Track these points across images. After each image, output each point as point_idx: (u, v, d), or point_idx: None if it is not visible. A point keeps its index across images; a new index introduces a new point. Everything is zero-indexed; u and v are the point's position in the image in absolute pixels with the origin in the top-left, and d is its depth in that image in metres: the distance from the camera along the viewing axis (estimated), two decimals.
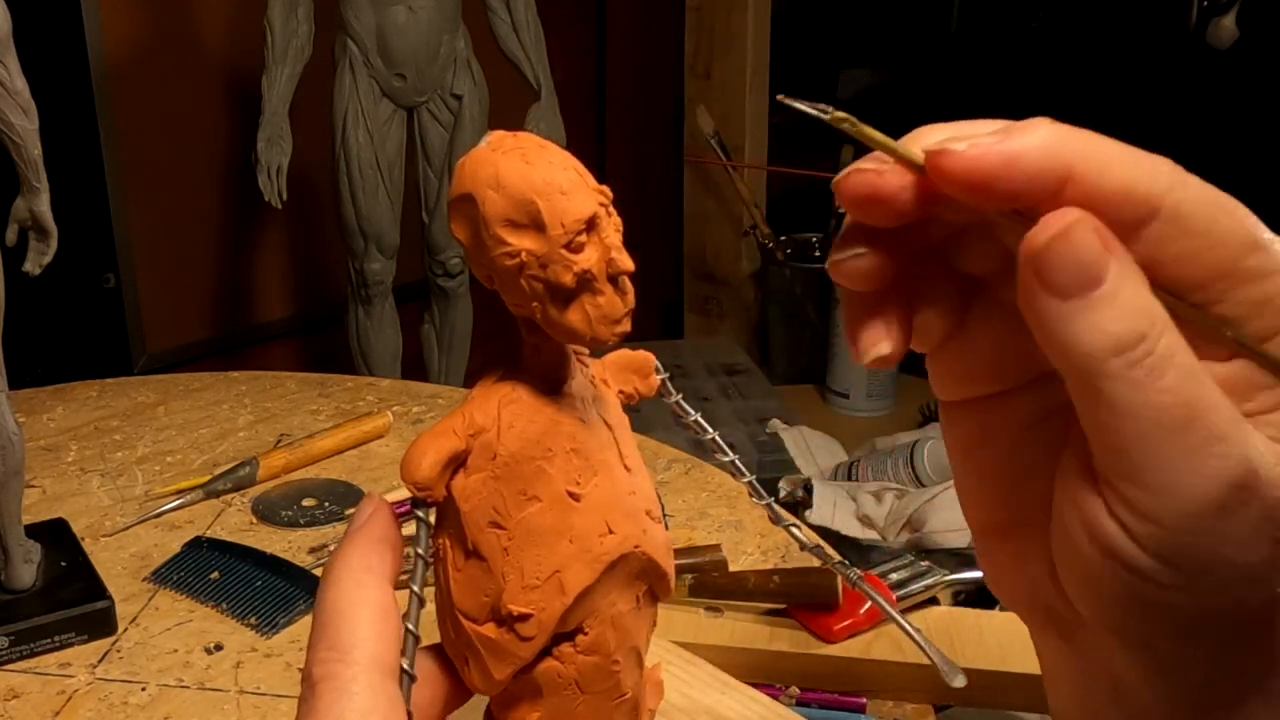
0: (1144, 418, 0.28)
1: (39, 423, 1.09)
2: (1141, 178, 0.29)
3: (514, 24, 1.83)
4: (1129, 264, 0.28)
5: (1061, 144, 0.28)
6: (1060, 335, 0.28)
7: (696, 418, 0.40)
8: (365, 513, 0.35)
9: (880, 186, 0.30)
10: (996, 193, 0.28)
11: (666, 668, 0.67)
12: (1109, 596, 0.30)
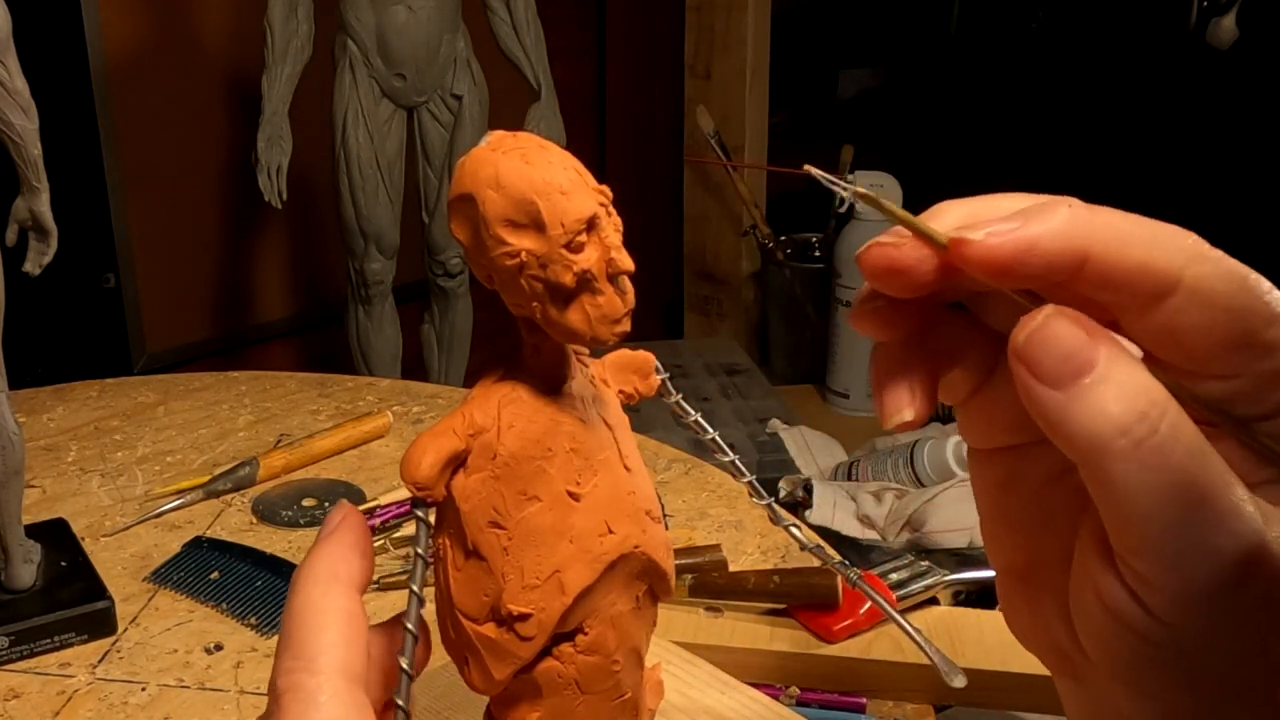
0: (1152, 497, 0.28)
1: (39, 423, 1.09)
2: (1159, 254, 0.29)
3: (514, 24, 1.83)
4: (1119, 347, 0.29)
5: (1078, 227, 0.29)
6: (1062, 423, 0.29)
7: (696, 418, 0.40)
8: (334, 520, 0.35)
9: (899, 260, 0.31)
10: (1016, 276, 0.30)
11: (666, 668, 0.67)
12: (1115, 652, 0.31)
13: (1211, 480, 0.28)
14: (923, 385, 0.33)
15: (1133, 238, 0.30)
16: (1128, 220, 0.30)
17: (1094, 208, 0.30)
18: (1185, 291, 0.29)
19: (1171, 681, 0.30)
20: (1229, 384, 0.30)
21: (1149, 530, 0.28)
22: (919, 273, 0.31)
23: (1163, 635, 0.29)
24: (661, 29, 2.71)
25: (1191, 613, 0.29)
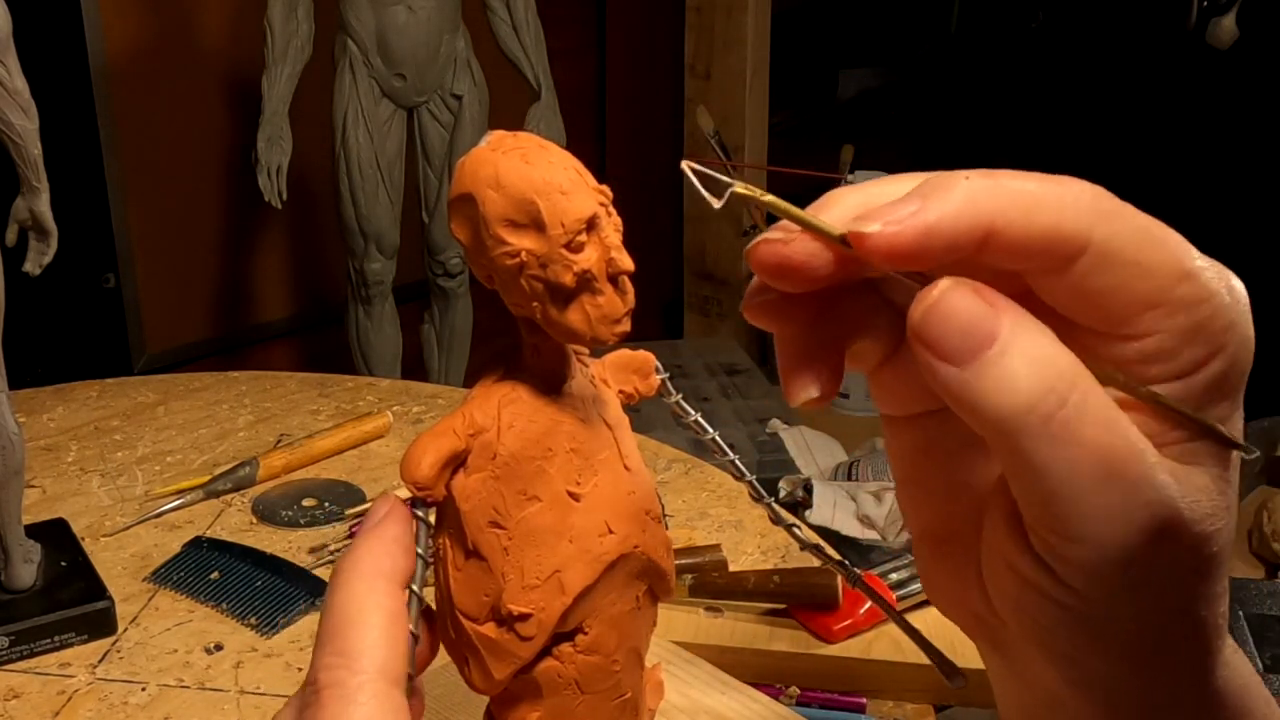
0: (1064, 472, 0.28)
1: (39, 423, 1.09)
2: (1065, 216, 0.29)
3: (514, 24, 1.83)
4: (1023, 316, 0.28)
5: (978, 202, 0.28)
6: (967, 400, 0.28)
7: (696, 418, 0.40)
8: (380, 513, 0.34)
9: (790, 257, 0.30)
10: (920, 261, 0.29)
11: (666, 668, 0.67)
12: (1029, 618, 0.30)
13: (1121, 451, 0.28)
14: (828, 362, 0.32)
15: (1037, 203, 0.29)
16: (1029, 183, 0.29)
17: (993, 175, 0.29)
18: (1094, 252, 0.29)
19: (1087, 646, 0.30)
20: (1143, 344, 0.29)
21: (1060, 504, 0.28)
22: (812, 268, 0.30)
23: (1075, 602, 0.29)
24: (661, 29, 2.71)
25: (1103, 581, 0.28)
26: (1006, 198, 0.28)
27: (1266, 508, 1.67)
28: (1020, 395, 0.27)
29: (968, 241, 0.28)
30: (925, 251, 0.28)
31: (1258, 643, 0.80)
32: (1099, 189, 0.29)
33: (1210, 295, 0.29)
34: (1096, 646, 0.30)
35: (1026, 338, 0.28)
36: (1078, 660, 0.31)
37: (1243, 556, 1.68)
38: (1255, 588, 0.86)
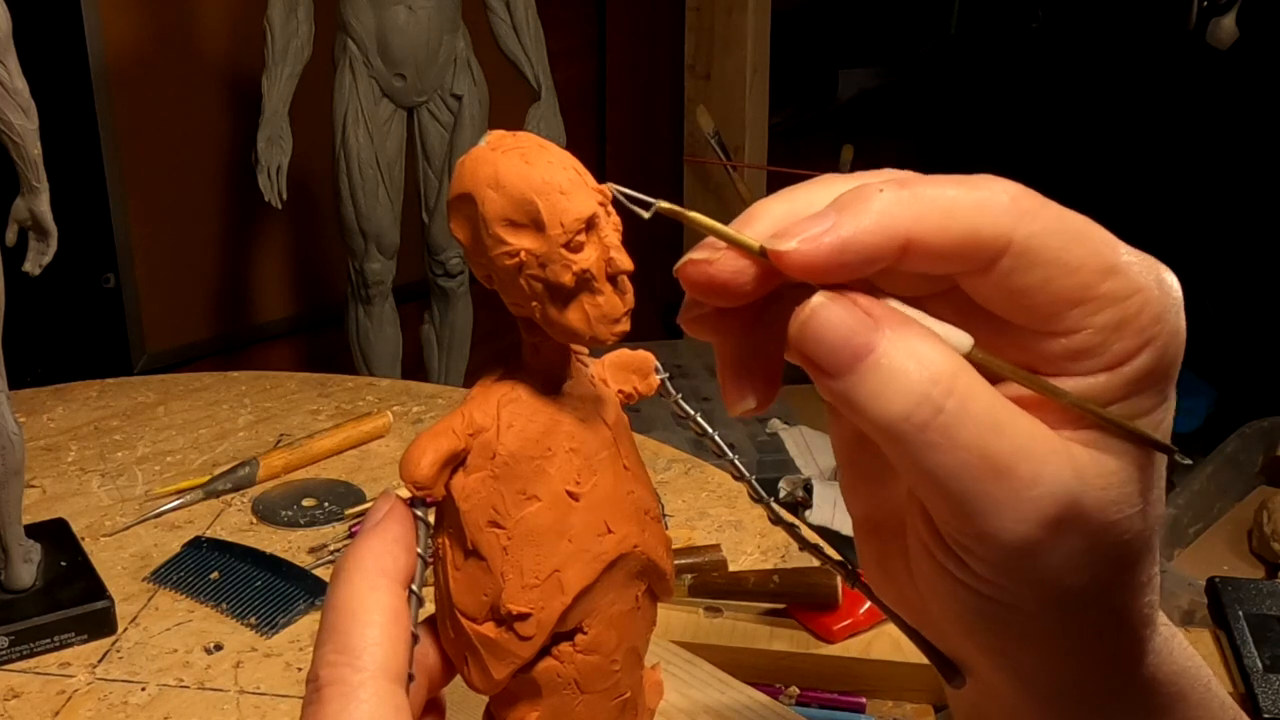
0: (947, 475, 0.28)
1: (39, 423, 1.09)
2: (983, 220, 0.29)
3: (514, 24, 1.83)
4: (903, 326, 0.29)
5: (892, 214, 0.29)
6: (851, 409, 0.29)
7: (696, 418, 0.40)
8: (381, 511, 0.34)
9: (716, 276, 0.30)
10: (837, 275, 0.29)
11: (666, 668, 0.67)
12: (954, 608, 0.31)
13: (1008, 449, 0.28)
14: (764, 371, 0.32)
15: (954, 209, 0.29)
16: (948, 188, 0.29)
17: (909, 182, 0.29)
18: (1016, 252, 0.29)
19: (1012, 638, 0.31)
20: (1071, 340, 0.29)
21: (953, 505, 0.28)
22: (737, 284, 0.30)
23: (992, 592, 0.29)
24: (661, 29, 2.71)
25: (1010, 573, 0.29)
26: (921, 206, 0.29)
27: (1266, 508, 1.67)
28: (895, 404, 0.28)
29: (884, 254, 0.29)
30: (841, 266, 0.29)
31: (1257, 643, 0.80)
32: (1020, 188, 0.29)
33: (1138, 289, 0.29)
34: (1017, 638, 0.30)
35: (903, 346, 0.28)
36: (1004, 651, 0.31)
37: (1243, 556, 1.68)
38: (1255, 588, 0.86)
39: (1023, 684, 0.32)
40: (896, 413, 0.28)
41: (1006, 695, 0.32)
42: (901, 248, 0.29)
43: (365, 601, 0.32)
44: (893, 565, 0.35)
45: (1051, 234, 0.29)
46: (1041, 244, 0.29)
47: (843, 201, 0.29)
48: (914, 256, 0.29)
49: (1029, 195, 0.29)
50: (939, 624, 0.33)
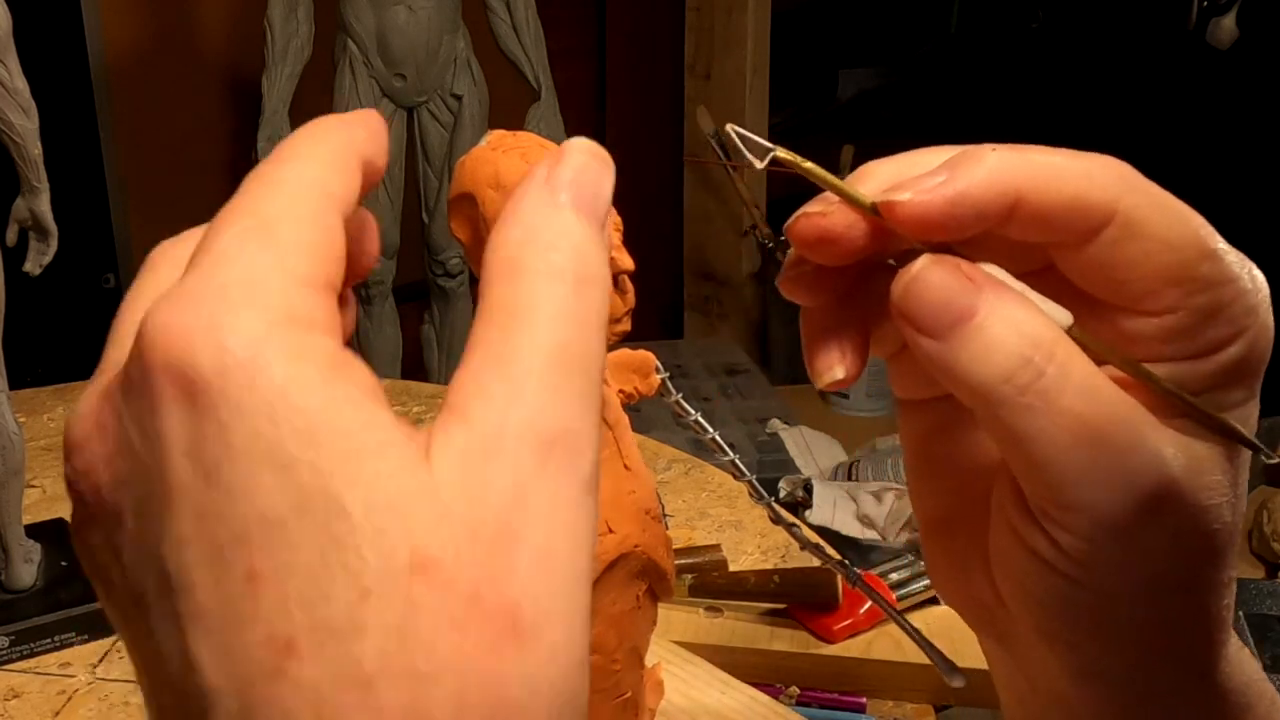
0: (1046, 441, 0.28)
1: (39, 423, 1.09)
2: (1092, 186, 0.29)
3: (514, 24, 1.83)
4: (1004, 291, 0.29)
5: (1006, 170, 0.29)
6: (948, 373, 0.29)
7: (696, 417, 0.40)
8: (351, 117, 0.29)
9: (829, 229, 0.30)
10: (949, 229, 0.29)
11: (666, 668, 0.67)
12: (1036, 598, 0.31)
13: (1106, 418, 0.28)
14: (854, 343, 0.32)
15: (1064, 172, 0.29)
16: (1057, 155, 0.30)
17: (1020, 147, 0.30)
18: (1120, 223, 0.29)
19: (1091, 628, 0.30)
20: (1163, 320, 0.29)
21: (1048, 474, 0.28)
22: (849, 239, 0.30)
23: (1079, 575, 0.29)
24: (661, 29, 2.71)
25: (1103, 551, 0.29)
26: (1034, 168, 0.29)
27: (1266, 508, 1.67)
28: (997, 366, 0.28)
29: (995, 210, 0.29)
30: (953, 220, 0.29)
31: (1258, 642, 0.81)
32: (1126, 164, 0.30)
33: (1233, 278, 0.29)
34: (1099, 628, 0.30)
35: (1005, 310, 0.28)
36: (1080, 646, 0.31)
37: (1243, 556, 1.68)
38: (1255, 588, 0.86)
39: (1088, 678, 0.31)
40: (997, 374, 0.28)
41: (1068, 692, 0.32)
42: (1012, 206, 0.29)
43: (300, 192, 0.27)
44: (965, 561, 0.35)
45: (1155, 209, 0.29)
46: (1145, 217, 0.29)
47: (955, 160, 0.30)
48: (1022, 217, 0.29)
49: (1135, 172, 0.30)
50: (1009, 619, 0.33)
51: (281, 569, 0.22)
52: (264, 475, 0.22)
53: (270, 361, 0.23)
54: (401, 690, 0.22)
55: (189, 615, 0.22)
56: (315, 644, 0.22)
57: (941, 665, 0.37)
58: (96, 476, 0.24)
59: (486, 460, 0.23)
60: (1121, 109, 2.53)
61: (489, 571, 0.22)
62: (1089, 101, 2.60)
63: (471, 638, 0.22)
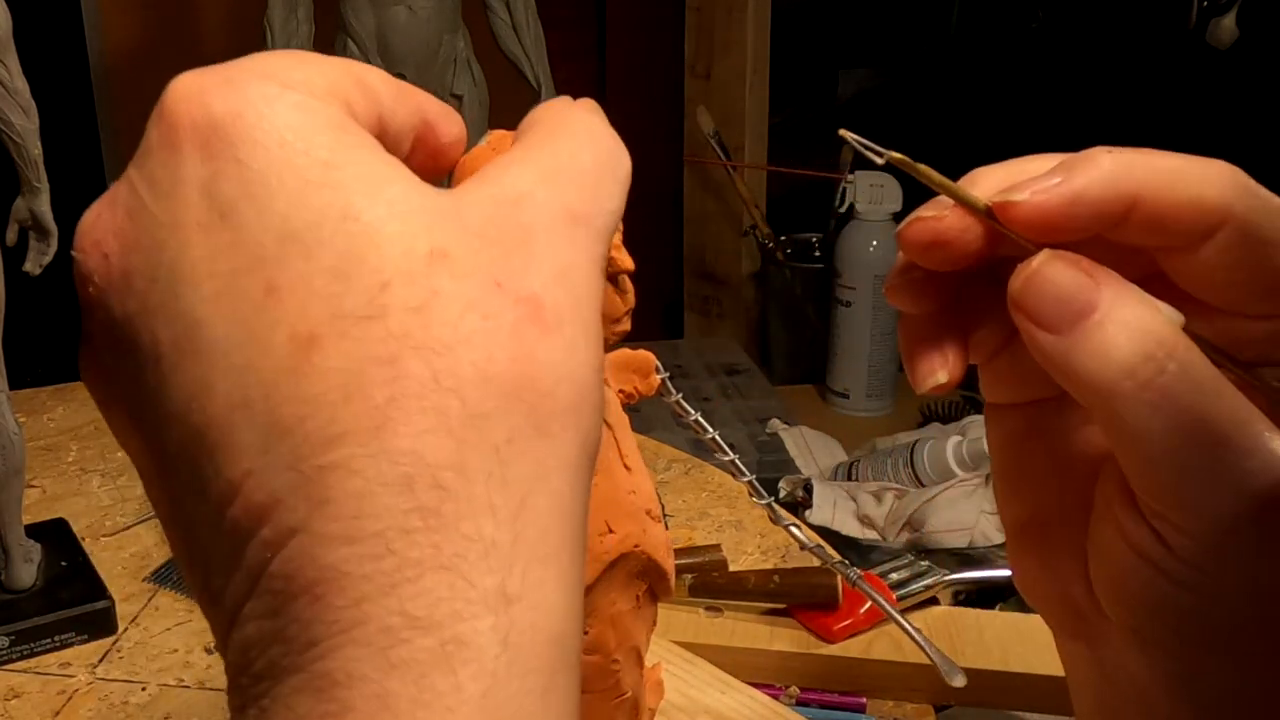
0: (1164, 438, 0.28)
1: (39, 423, 1.09)
2: (1208, 189, 0.29)
3: (514, 24, 1.83)
4: (1124, 286, 0.29)
5: (1124, 172, 0.29)
6: (1067, 368, 0.29)
7: (697, 417, 0.40)
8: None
9: (943, 232, 0.30)
10: (1065, 230, 0.29)
11: (666, 667, 0.67)
12: (1138, 599, 0.30)
13: (1226, 417, 0.28)
14: (955, 347, 0.32)
15: (1181, 175, 0.29)
16: (1171, 159, 0.30)
17: (1135, 150, 0.30)
18: (1234, 227, 0.29)
19: (1191, 633, 0.30)
20: (1273, 324, 0.30)
21: (1164, 471, 0.28)
22: (963, 243, 0.30)
23: (1186, 577, 0.29)
24: (661, 29, 2.71)
25: (1214, 552, 0.28)
26: (1151, 171, 0.29)
27: None
28: (1118, 362, 0.28)
29: (1113, 211, 0.29)
30: (1070, 221, 0.29)
31: None
32: (1239, 169, 0.30)
33: None
34: (1201, 632, 0.30)
35: (1126, 307, 0.28)
36: (1178, 650, 0.30)
37: None
38: None
39: (1185, 688, 0.31)
40: (1118, 370, 0.28)
41: (1158, 699, 0.32)
42: (1128, 207, 0.29)
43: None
44: (1055, 562, 0.34)
45: (1270, 213, 0.29)
46: (1260, 220, 0.29)
47: (1069, 162, 0.30)
48: (1138, 219, 0.29)
49: (1247, 176, 0.30)
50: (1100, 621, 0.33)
51: (299, 277, 0.23)
52: (280, 201, 0.23)
53: (286, 108, 0.24)
54: (426, 362, 0.22)
55: (203, 350, 0.23)
56: (338, 333, 0.22)
57: (941, 665, 0.37)
58: (105, 246, 0.24)
59: (514, 205, 0.24)
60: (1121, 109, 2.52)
61: (509, 268, 0.23)
62: (1089, 101, 2.60)
63: (493, 319, 0.23)
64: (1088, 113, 2.59)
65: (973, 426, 1.80)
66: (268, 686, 0.23)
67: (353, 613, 0.22)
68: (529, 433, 0.23)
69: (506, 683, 0.22)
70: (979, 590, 1.31)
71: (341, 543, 0.22)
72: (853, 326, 2.35)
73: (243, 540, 0.23)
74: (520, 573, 0.22)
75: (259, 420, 0.22)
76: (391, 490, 0.22)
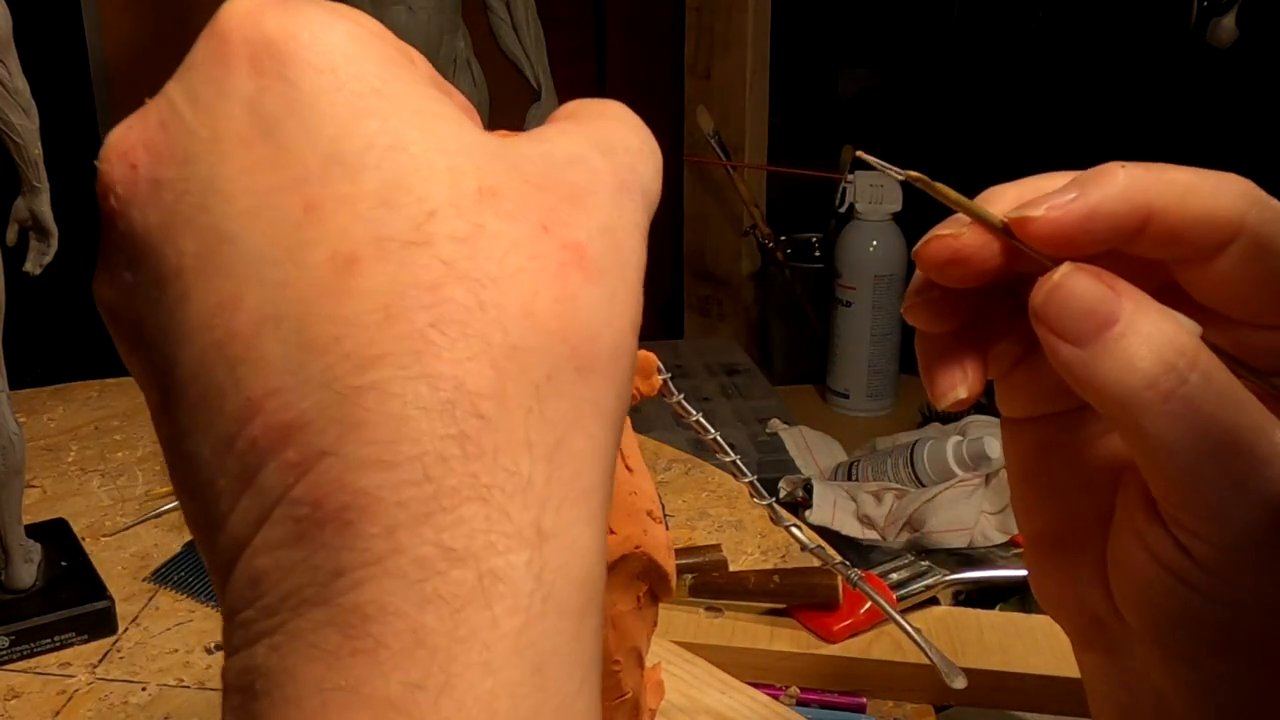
0: (1187, 448, 0.28)
1: (39, 423, 1.09)
2: (1221, 202, 0.30)
3: (514, 24, 1.83)
4: (1144, 298, 0.29)
5: (1138, 186, 0.29)
6: (1088, 380, 0.29)
7: (698, 417, 0.40)
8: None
9: (961, 250, 0.31)
10: (1080, 246, 0.30)
11: (666, 668, 0.67)
12: (1160, 608, 0.30)
13: (1248, 426, 0.28)
14: (973, 362, 0.32)
15: (1193, 188, 0.30)
16: (1184, 173, 0.30)
17: (1148, 165, 0.30)
18: (1246, 239, 0.29)
19: (1214, 642, 0.30)
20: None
21: (1187, 481, 0.28)
22: (981, 260, 0.31)
23: (1210, 586, 0.29)
24: (661, 29, 2.71)
25: (1237, 561, 0.29)
26: (1164, 185, 0.30)
27: None
28: (1140, 373, 0.28)
29: (1128, 225, 0.29)
30: (1087, 235, 0.29)
31: None
32: (1250, 181, 0.30)
33: None
34: (1224, 642, 0.30)
35: (1147, 318, 0.29)
36: (1201, 660, 0.31)
37: None
38: None
39: (1207, 697, 0.31)
40: (1140, 381, 0.28)
41: (1180, 710, 0.32)
42: (1143, 220, 0.29)
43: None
44: (1074, 574, 0.35)
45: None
46: (1273, 232, 0.30)
47: (1084, 178, 0.30)
48: (1151, 233, 0.30)
49: (1259, 188, 0.30)
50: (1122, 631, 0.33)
51: (342, 199, 0.22)
52: (328, 124, 0.23)
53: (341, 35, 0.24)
54: (471, 290, 0.22)
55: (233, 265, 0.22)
56: (380, 256, 0.22)
57: (941, 665, 0.37)
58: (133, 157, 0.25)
59: (567, 163, 0.24)
60: (1121, 109, 2.53)
61: (557, 215, 0.23)
62: (1089, 101, 2.60)
63: (539, 259, 0.22)
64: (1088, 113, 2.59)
65: (973, 427, 1.80)
66: (282, 620, 0.22)
67: (385, 542, 0.21)
68: (569, 373, 0.22)
69: (541, 620, 0.21)
70: (979, 590, 1.31)
71: (376, 468, 0.21)
72: (853, 326, 2.35)
73: (258, 463, 0.22)
74: (554, 510, 0.22)
75: (290, 338, 0.22)
76: (431, 415, 0.21)
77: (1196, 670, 0.31)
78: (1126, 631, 0.33)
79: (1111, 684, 0.35)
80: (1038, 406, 0.34)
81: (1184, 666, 0.31)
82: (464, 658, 0.21)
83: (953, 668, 0.38)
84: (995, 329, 0.33)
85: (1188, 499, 0.29)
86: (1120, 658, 0.34)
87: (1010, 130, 2.76)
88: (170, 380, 0.23)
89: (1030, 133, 2.71)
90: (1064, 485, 0.35)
